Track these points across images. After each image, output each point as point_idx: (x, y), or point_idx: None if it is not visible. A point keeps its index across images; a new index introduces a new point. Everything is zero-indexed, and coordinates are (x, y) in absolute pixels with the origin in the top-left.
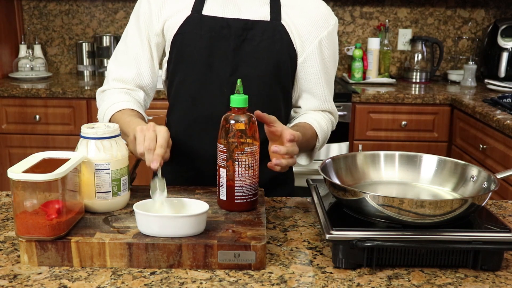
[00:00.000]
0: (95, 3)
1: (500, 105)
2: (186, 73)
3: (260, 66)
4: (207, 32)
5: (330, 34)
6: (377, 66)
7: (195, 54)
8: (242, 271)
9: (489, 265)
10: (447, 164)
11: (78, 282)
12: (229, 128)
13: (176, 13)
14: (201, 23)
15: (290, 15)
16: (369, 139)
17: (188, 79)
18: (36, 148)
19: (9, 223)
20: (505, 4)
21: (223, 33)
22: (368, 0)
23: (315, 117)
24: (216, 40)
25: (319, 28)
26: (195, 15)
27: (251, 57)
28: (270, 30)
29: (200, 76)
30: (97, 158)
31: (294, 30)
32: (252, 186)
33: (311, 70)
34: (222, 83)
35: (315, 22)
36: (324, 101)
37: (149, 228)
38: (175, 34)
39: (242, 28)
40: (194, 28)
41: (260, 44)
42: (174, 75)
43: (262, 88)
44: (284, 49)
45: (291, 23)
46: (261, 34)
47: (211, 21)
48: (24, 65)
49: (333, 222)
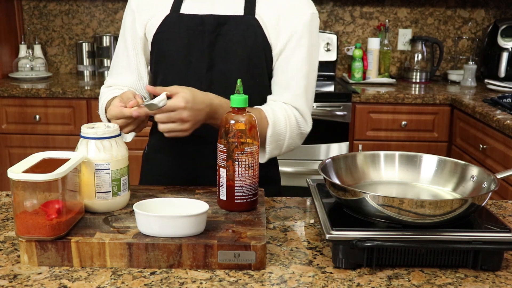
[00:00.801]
0: (95, 3)
1: (500, 105)
2: (167, 72)
3: (234, 61)
4: (184, 30)
5: (306, 26)
6: (377, 66)
7: (174, 53)
8: (242, 271)
9: (489, 265)
10: (447, 164)
11: (78, 282)
12: (229, 128)
13: (156, 14)
14: (179, 22)
15: (264, 8)
16: (369, 139)
17: (169, 77)
18: (36, 148)
19: (9, 223)
20: (505, 4)
21: (199, 30)
22: (368, 0)
23: (274, 107)
24: (193, 38)
25: (294, 20)
26: (173, 14)
27: (226, 52)
28: (243, 24)
29: (180, 74)
30: (97, 158)
31: (269, 24)
32: (252, 186)
33: (285, 63)
34: (200, 80)
35: (290, 14)
36: (295, 95)
37: (149, 228)
38: (155, 34)
39: (215, 24)
40: (172, 27)
41: (233, 39)
42: (156, 74)
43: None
44: (258, 44)
45: (265, 17)
46: (234, 29)
47: (188, 19)
48: (24, 65)
49: (333, 222)
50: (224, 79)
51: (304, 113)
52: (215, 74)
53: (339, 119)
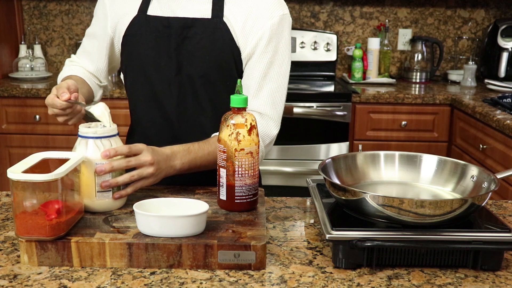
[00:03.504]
0: (95, 3)
1: (500, 105)
2: (136, 73)
3: (202, 65)
4: (152, 32)
5: (273, 27)
6: (377, 66)
7: (142, 55)
8: (242, 271)
9: (489, 265)
10: (447, 164)
11: (78, 282)
12: (229, 128)
13: (125, 14)
14: (146, 24)
15: (232, 10)
16: (369, 139)
17: (139, 79)
18: (36, 148)
19: (9, 223)
20: (505, 4)
21: (166, 32)
22: (368, 0)
23: None
24: (160, 40)
25: (262, 23)
26: (140, 15)
27: (193, 56)
28: (211, 28)
29: (149, 76)
30: (97, 157)
31: (236, 27)
32: (252, 186)
33: (252, 68)
34: (170, 83)
35: (258, 17)
36: (251, 97)
37: (149, 228)
38: (124, 36)
39: (182, 27)
40: (140, 29)
41: (200, 43)
42: (126, 75)
43: (206, 87)
44: (226, 47)
45: (233, 20)
46: (201, 32)
47: (155, 21)
48: (24, 65)
49: (333, 222)
50: (193, 83)
51: (272, 117)
52: (184, 77)
53: (339, 119)
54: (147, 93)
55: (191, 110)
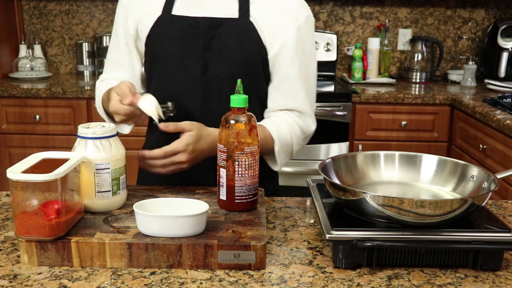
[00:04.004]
0: (95, 3)
1: (500, 105)
2: (161, 73)
3: (229, 64)
4: (177, 32)
5: (300, 29)
6: (377, 66)
7: (167, 55)
8: (242, 271)
9: (489, 265)
10: (447, 164)
11: (78, 282)
12: (229, 128)
13: (148, 14)
14: (171, 23)
15: (258, 11)
16: (369, 139)
17: (163, 79)
18: (36, 148)
19: (9, 223)
20: (505, 4)
21: (193, 32)
22: (368, 0)
23: (276, 122)
24: (186, 40)
25: (288, 23)
26: (165, 15)
27: (220, 55)
28: (238, 27)
29: (174, 76)
30: (97, 157)
31: (263, 26)
32: (252, 186)
33: (280, 66)
34: (195, 82)
35: (284, 16)
36: (291, 98)
37: (149, 228)
38: (148, 36)
39: (209, 27)
40: (165, 28)
41: (228, 42)
42: (151, 75)
43: (232, 87)
44: (253, 47)
45: (259, 20)
46: (229, 32)
47: (181, 21)
48: (24, 65)
49: (333, 222)
50: (219, 82)
51: (308, 114)
52: (210, 77)
53: (339, 119)
54: (170, 93)
55: (215, 109)
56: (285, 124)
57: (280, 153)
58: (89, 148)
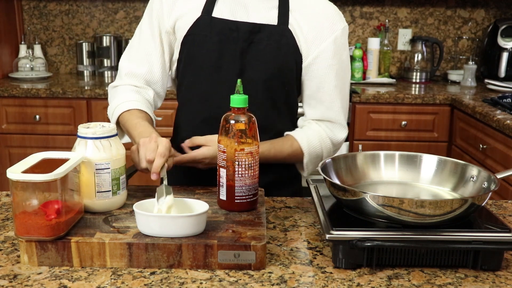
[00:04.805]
0: (95, 3)
1: (500, 105)
2: (196, 74)
3: (265, 69)
4: (216, 35)
5: (337, 40)
6: (377, 66)
7: (204, 56)
8: (242, 271)
9: (489, 265)
10: (447, 164)
11: (78, 282)
12: (229, 128)
13: (186, 13)
14: (211, 25)
15: (297, 19)
16: (369, 139)
17: (198, 80)
18: (36, 148)
19: (9, 223)
20: (505, 4)
21: (232, 36)
22: (368, 0)
23: (308, 134)
24: (225, 43)
25: (325, 33)
26: (205, 17)
27: (257, 60)
28: (277, 34)
29: (210, 78)
30: (97, 157)
31: (301, 35)
32: (252, 186)
33: (315, 75)
34: (230, 85)
35: (321, 27)
36: (327, 108)
37: (149, 228)
38: (185, 35)
39: (249, 32)
40: (204, 30)
41: (266, 48)
42: (183, 75)
43: (266, 92)
44: (290, 54)
45: (297, 28)
46: (267, 38)
47: (221, 24)
48: (24, 65)
49: (333, 222)
50: (254, 87)
51: (342, 124)
52: (245, 81)
53: None
54: (202, 94)
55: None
56: (316, 137)
57: (309, 164)
58: (89, 148)
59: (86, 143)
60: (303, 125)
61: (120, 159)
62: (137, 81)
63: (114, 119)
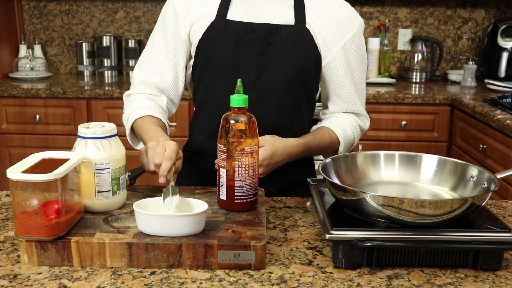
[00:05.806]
0: (95, 3)
1: (500, 105)
2: (212, 77)
3: (284, 70)
4: (232, 37)
5: (355, 36)
6: (377, 66)
7: (221, 59)
8: (242, 271)
9: (489, 265)
10: (447, 164)
11: (78, 282)
12: (229, 128)
13: (201, 18)
14: (226, 28)
15: (314, 18)
16: (369, 139)
17: (214, 83)
18: (36, 148)
19: (9, 223)
20: (505, 4)
21: (248, 37)
22: (368, 0)
23: (340, 123)
24: (241, 45)
25: (343, 31)
26: (219, 20)
27: (276, 61)
28: (295, 34)
29: (227, 81)
30: (97, 157)
31: (318, 34)
32: (252, 186)
33: (336, 73)
34: (247, 87)
35: (339, 25)
36: (349, 102)
37: (148, 227)
38: (201, 39)
39: (266, 33)
40: (219, 33)
41: (285, 48)
42: (200, 79)
43: (286, 92)
44: (309, 53)
45: (315, 27)
46: (285, 38)
47: (236, 26)
48: (24, 65)
49: (333, 222)
50: (273, 88)
51: (365, 115)
52: (264, 82)
53: None
54: (219, 97)
55: (265, 114)
56: (348, 125)
57: (342, 152)
58: (89, 148)
59: (86, 143)
60: (329, 116)
61: (120, 159)
62: (150, 89)
63: (129, 126)
